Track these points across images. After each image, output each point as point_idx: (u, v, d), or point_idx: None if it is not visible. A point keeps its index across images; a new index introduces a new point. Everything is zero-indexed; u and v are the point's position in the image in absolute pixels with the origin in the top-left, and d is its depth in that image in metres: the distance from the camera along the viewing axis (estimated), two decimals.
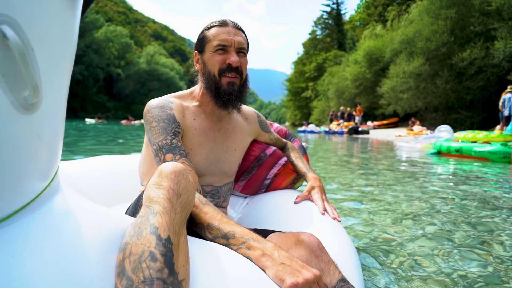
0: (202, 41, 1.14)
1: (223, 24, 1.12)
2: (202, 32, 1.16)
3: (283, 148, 1.52)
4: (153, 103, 1.12)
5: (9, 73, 0.40)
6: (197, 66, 1.19)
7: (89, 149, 6.62)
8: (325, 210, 1.16)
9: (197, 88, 1.21)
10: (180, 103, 1.16)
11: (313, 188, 1.26)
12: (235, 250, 0.78)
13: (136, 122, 36.29)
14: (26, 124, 0.45)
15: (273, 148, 1.45)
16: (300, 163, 1.41)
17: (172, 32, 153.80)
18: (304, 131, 21.24)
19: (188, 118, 1.15)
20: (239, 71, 1.12)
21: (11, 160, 0.44)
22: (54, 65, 0.49)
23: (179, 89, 76.84)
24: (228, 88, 1.11)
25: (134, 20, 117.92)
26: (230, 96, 1.12)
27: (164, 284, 0.53)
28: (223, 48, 1.10)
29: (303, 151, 1.62)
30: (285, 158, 1.44)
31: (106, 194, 1.42)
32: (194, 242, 0.73)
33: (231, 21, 1.15)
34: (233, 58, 1.09)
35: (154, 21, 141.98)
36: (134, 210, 0.95)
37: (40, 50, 0.44)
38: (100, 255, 0.56)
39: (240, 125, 1.31)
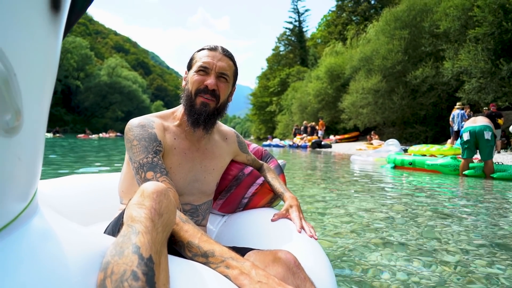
0: (191, 61, 1.19)
1: (212, 48, 1.17)
2: (194, 53, 1.20)
3: (259, 170, 1.54)
4: (134, 122, 1.12)
5: None
6: (183, 84, 1.22)
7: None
8: (302, 228, 1.18)
9: (180, 108, 1.22)
10: (161, 122, 1.17)
11: (290, 206, 1.29)
12: (214, 269, 0.78)
13: (94, 136, 34.26)
14: (7, 147, 0.44)
15: (251, 167, 1.47)
16: (276, 184, 1.43)
17: (134, 44, 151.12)
18: (269, 145, 21.46)
19: (169, 138, 1.15)
20: (216, 94, 1.14)
21: None
22: (36, 88, 0.48)
23: (142, 102, 75.18)
24: (200, 108, 1.13)
25: (95, 31, 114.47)
26: (199, 116, 1.14)
27: None
28: (204, 70, 1.13)
29: (280, 170, 1.65)
30: (262, 178, 1.46)
31: (83, 213, 1.37)
32: (173, 261, 0.73)
33: (222, 47, 1.19)
34: (210, 81, 1.12)
35: (116, 33, 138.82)
36: (114, 229, 0.93)
37: (23, 75, 0.44)
38: (80, 275, 0.55)
39: (219, 145, 1.32)
